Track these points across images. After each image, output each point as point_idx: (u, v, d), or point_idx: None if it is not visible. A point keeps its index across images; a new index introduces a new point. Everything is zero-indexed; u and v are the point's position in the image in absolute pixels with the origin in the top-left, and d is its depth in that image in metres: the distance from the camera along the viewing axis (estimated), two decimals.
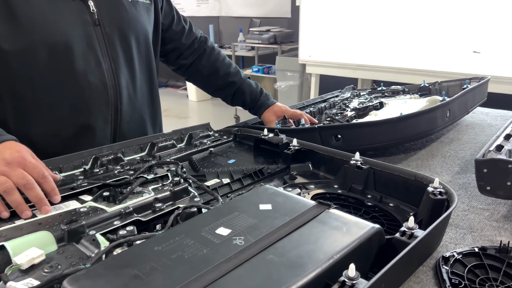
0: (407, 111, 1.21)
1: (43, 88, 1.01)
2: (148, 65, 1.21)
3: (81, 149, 0.96)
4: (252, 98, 1.40)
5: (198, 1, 6.06)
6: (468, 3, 3.19)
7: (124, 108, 1.12)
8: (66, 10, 1.02)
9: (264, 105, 1.38)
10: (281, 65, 4.41)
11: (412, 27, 3.50)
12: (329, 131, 1.11)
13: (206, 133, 1.16)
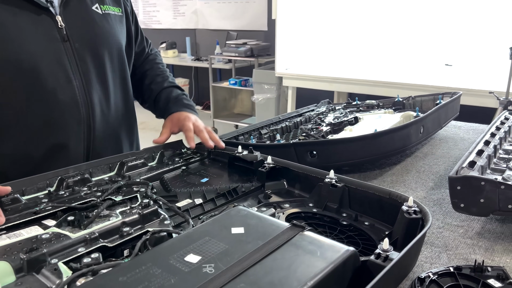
0: (381, 127, 1.22)
1: (10, 107, 0.97)
2: (123, 78, 1.18)
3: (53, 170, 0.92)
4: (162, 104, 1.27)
5: (174, 14, 6.04)
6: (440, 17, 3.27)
7: (97, 125, 1.09)
8: (31, 26, 0.98)
9: (169, 112, 1.23)
10: (258, 78, 4.42)
11: (386, 41, 3.57)
12: (304, 147, 1.10)
13: (178, 150, 1.13)
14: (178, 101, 1.24)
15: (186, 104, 1.24)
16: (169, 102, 1.24)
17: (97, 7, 1.11)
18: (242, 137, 1.37)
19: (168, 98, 1.24)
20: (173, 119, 1.18)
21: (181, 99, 1.25)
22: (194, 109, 1.23)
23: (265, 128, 1.44)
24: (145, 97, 1.30)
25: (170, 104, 1.24)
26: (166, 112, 1.23)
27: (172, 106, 1.23)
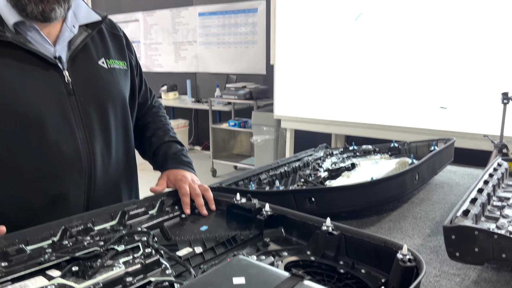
0: (378, 173, 1.25)
1: (12, 158, 1.00)
2: (125, 129, 1.21)
3: (54, 220, 0.94)
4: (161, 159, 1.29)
5: (176, 58, 6.22)
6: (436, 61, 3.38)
7: (98, 176, 1.11)
8: (39, 81, 1.03)
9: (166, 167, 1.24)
10: (257, 120, 4.50)
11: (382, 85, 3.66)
12: (303, 194, 1.12)
13: (176, 199, 1.15)
14: (176, 158, 1.26)
15: (184, 161, 1.25)
16: (167, 157, 1.26)
17: (103, 61, 1.16)
18: (241, 182, 1.39)
19: (167, 153, 1.27)
20: (169, 175, 1.19)
21: (179, 155, 1.27)
22: (191, 167, 1.25)
23: (264, 173, 1.47)
24: (145, 149, 1.33)
25: (168, 159, 1.25)
26: (163, 167, 1.24)
27: (170, 162, 1.24)
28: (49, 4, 1.00)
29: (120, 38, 1.25)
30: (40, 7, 0.99)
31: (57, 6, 1.01)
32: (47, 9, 1.00)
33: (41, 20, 1.02)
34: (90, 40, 1.15)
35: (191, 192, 1.11)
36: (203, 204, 1.10)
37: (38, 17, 1.01)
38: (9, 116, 0.98)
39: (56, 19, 1.04)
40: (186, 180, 1.14)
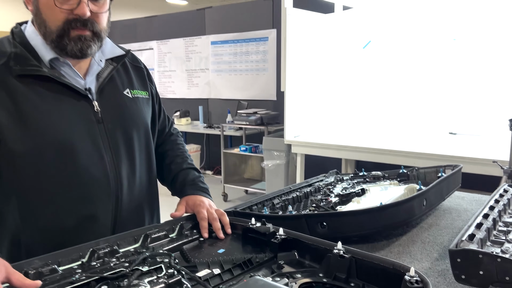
0: (387, 199, 1.30)
1: (48, 184, 1.08)
2: (148, 154, 1.29)
3: (83, 239, 1.00)
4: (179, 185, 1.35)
5: (188, 85, 6.37)
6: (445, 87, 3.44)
7: (124, 198, 1.18)
8: (72, 110, 1.11)
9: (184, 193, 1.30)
10: (268, 145, 4.57)
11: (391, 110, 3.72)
12: (315, 219, 1.17)
13: (195, 223, 1.21)
14: (194, 184, 1.32)
15: (201, 188, 1.31)
16: (185, 184, 1.33)
17: (127, 91, 1.25)
18: (255, 207, 1.45)
19: (185, 180, 1.34)
20: (188, 201, 1.26)
21: (197, 182, 1.33)
22: (208, 193, 1.32)
23: (277, 198, 1.52)
24: (164, 176, 1.39)
25: (186, 186, 1.32)
26: (182, 193, 1.31)
27: (188, 188, 1.31)
28: (87, 42, 1.09)
29: (141, 70, 1.35)
30: (79, 45, 1.09)
31: (93, 43, 1.11)
32: (85, 47, 1.10)
33: (79, 57, 1.12)
34: (116, 72, 1.24)
35: (209, 217, 1.17)
36: (220, 228, 1.16)
37: (76, 55, 1.10)
38: (46, 143, 1.06)
39: (91, 55, 1.14)
40: (204, 205, 1.21)
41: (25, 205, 1.08)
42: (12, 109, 1.05)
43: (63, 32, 1.07)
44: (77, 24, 1.07)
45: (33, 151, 1.06)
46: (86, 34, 1.09)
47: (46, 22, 1.08)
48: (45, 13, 1.07)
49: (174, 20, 6.64)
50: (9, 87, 1.05)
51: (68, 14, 1.06)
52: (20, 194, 1.08)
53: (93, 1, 1.08)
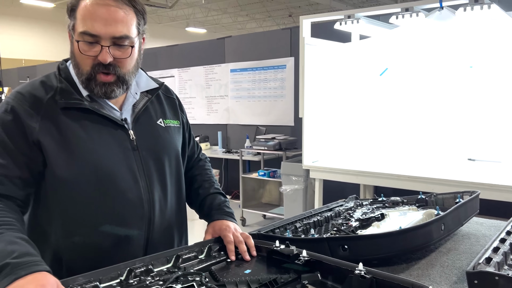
0: (406, 224, 1.34)
1: (87, 206, 1.17)
2: (178, 178, 1.37)
3: (118, 258, 1.08)
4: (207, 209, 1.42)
5: (208, 111, 6.53)
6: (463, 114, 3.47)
7: (156, 220, 1.26)
8: (110, 139, 1.21)
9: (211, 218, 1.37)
10: (286, 170, 4.63)
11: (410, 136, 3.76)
12: (336, 242, 1.23)
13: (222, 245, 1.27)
14: (220, 209, 1.39)
15: (227, 212, 1.39)
16: (212, 208, 1.40)
17: (160, 121, 1.35)
18: (278, 230, 1.50)
19: (212, 204, 1.41)
20: (215, 227, 1.32)
21: (223, 207, 1.40)
22: (233, 217, 1.39)
23: (298, 222, 1.58)
24: (193, 199, 1.47)
25: (213, 211, 1.39)
26: (209, 217, 1.38)
27: (215, 213, 1.38)
28: (110, 87, 1.19)
29: (173, 100, 1.45)
30: (103, 89, 1.19)
31: (116, 88, 1.21)
32: (108, 91, 1.20)
33: (105, 99, 1.23)
34: (150, 103, 1.34)
35: (235, 240, 1.24)
36: (246, 251, 1.22)
37: (102, 97, 1.21)
38: (87, 169, 1.16)
39: (116, 97, 1.24)
40: (230, 230, 1.28)
41: (66, 225, 1.17)
42: (58, 138, 1.15)
43: (91, 76, 1.18)
44: (100, 68, 1.17)
45: (76, 176, 1.16)
46: (110, 80, 1.19)
47: (79, 65, 1.19)
48: (77, 57, 1.19)
49: (194, 49, 6.87)
50: (55, 118, 1.16)
51: (94, 60, 1.16)
52: (62, 215, 1.17)
53: (117, 47, 1.17)
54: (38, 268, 0.92)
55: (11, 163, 1.11)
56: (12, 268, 0.90)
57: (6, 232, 0.99)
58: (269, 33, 6.31)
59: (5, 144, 1.12)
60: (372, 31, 4.02)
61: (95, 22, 1.13)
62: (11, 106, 1.16)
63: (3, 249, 0.94)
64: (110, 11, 1.14)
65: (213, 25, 19.55)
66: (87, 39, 1.14)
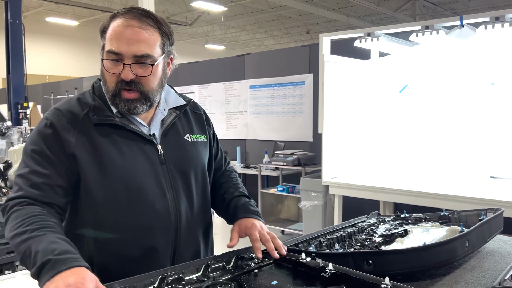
0: (430, 240, 1.36)
1: (118, 217, 1.22)
2: (204, 191, 1.41)
3: (145, 268, 1.13)
4: (232, 211, 1.44)
5: (227, 126, 6.60)
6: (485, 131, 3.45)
7: (183, 231, 1.31)
8: (139, 153, 1.27)
9: (237, 218, 1.39)
10: (305, 186, 4.64)
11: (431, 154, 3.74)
12: (361, 256, 1.25)
13: (249, 255, 1.30)
14: (245, 208, 1.41)
15: (252, 210, 1.40)
16: (237, 209, 1.42)
17: (187, 136, 1.40)
18: (301, 244, 1.53)
19: (236, 205, 1.43)
20: (240, 225, 1.34)
21: (247, 206, 1.42)
22: (259, 215, 1.40)
23: (322, 237, 1.60)
24: (218, 206, 1.50)
25: (238, 211, 1.41)
26: (234, 218, 1.40)
27: (240, 212, 1.39)
28: (133, 103, 1.26)
29: (201, 116, 1.50)
30: (126, 105, 1.25)
31: (139, 104, 1.26)
32: (132, 107, 1.26)
33: (129, 114, 1.28)
34: (178, 119, 1.40)
35: (261, 238, 1.26)
36: (274, 249, 1.24)
37: (126, 113, 1.27)
38: (118, 182, 1.22)
39: (140, 113, 1.29)
40: (256, 228, 1.30)
41: (98, 234, 1.23)
42: (91, 152, 1.22)
43: (115, 92, 1.25)
44: (123, 85, 1.24)
45: (107, 188, 1.22)
46: (133, 97, 1.25)
47: (106, 82, 1.27)
48: (104, 75, 1.26)
49: (214, 65, 7.00)
50: (89, 133, 1.23)
51: (117, 77, 1.23)
52: (95, 225, 1.23)
53: (139, 65, 1.23)
54: (78, 264, 0.98)
55: (53, 173, 1.18)
56: (54, 264, 0.96)
57: (47, 233, 1.06)
58: (288, 50, 6.39)
59: (46, 155, 1.19)
60: (392, 49, 4.05)
61: (119, 41, 1.21)
62: (50, 121, 1.23)
63: (46, 248, 1.00)
64: (133, 32, 1.21)
65: (231, 42, 19.85)
66: (111, 57, 1.22)
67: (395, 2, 12.88)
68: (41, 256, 0.99)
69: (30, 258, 1.01)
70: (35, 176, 1.16)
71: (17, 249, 1.07)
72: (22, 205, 1.13)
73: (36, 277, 0.99)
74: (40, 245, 1.01)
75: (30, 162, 1.18)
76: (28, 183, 1.15)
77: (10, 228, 1.10)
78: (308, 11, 13.69)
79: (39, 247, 1.01)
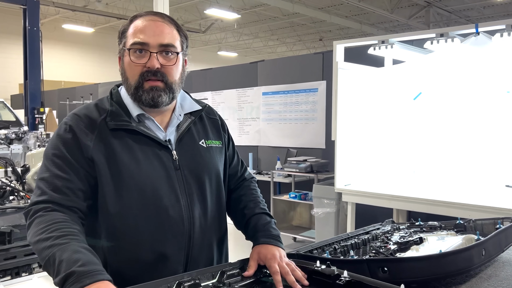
0: (445, 248, 1.35)
1: (131, 222, 1.24)
2: (218, 196, 1.42)
3: (158, 273, 1.14)
4: (251, 230, 1.42)
5: (239, 132, 6.63)
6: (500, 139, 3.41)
7: (196, 237, 1.31)
8: (154, 158, 1.28)
9: (257, 241, 1.36)
10: (318, 193, 4.63)
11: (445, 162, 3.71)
12: (376, 263, 1.24)
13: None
14: (265, 230, 1.38)
15: (273, 235, 1.36)
16: (257, 230, 1.38)
17: (202, 142, 1.41)
18: (316, 251, 1.53)
19: (257, 225, 1.40)
20: (260, 254, 1.29)
21: (268, 228, 1.39)
22: (279, 240, 1.36)
23: (336, 244, 1.60)
24: (238, 220, 1.49)
25: (258, 232, 1.37)
26: (254, 239, 1.37)
27: (260, 236, 1.36)
28: (158, 92, 1.28)
29: (216, 121, 1.51)
30: (150, 94, 1.28)
31: (164, 94, 1.29)
32: (156, 96, 1.28)
33: (152, 106, 1.30)
34: (193, 125, 1.41)
35: (281, 271, 1.21)
36: (295, 281, 1.19)
37: (150, 103, 1.29)
38: (132, 187, 1.24)
39: (163, 105, 1.31)
40: (275, 259, 1.24)
41: (111, 239, 1.24)
42: (108, 157, 1.24)
43: (138, 84, 1.27)
44: (149, 75, 1.27)
45: (121, 193, 1.23)
46: (158, 85, 1.28)
47: (128, 79, 1.30)
48: (127, 70, 1.30)
49: (228, 72, 7.04)
50: (106, 138, 1.26)
51: (142, 68, 1.27)
52: (109, 229, 1.25)
53: (164, 55, 1.28)
54: (102, 277, 0.99)
55: (73, 176, 1.20)
56: (78, 277, 0.97)
57: (71, 242, 1.07)
58: (301, 57, 6.41)
59: (67, 160, 1.21)
60: (406, 56, 4.04)
61: (145, 33, 1.27)
62: (69, 126, 1.26)
63: (69, 258, 1.02)
64: (157, 24, 1.29)
65: (244, 49, 19.96)
66: (137, 47, 1.26)
67: (409, 10, 12.84)
68: (65, 266, 1.00)
69: (54, 266, 1.02)
70: (57, 180, 1.19)
71: (40, 255, 1.08)
72: (46, 210, 1.15)
73: (60, 286, 1.00)
74: (64, 254, 1.03)
75: (51, 166, 1.21)
76: (50, 187, 1.18)
77: (33, 233, 1.12)
78: (321, 19, 13.73)
79: (63, 256, 1.02)
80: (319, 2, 12.53)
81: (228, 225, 1.50)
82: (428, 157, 3.91)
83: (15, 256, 2.27)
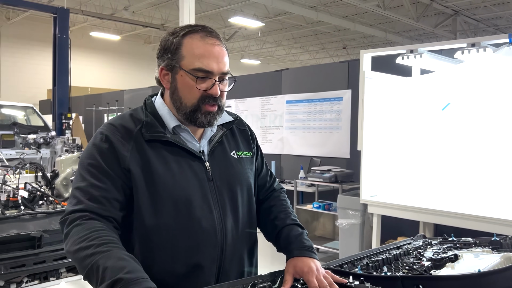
0: (483, 267, 1.30)
1: (167, 235, 1.24)
2: (249, 208, 1.41)
3: (190, 285, 1.13)
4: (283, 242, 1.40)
5: (262, 140, 6.62)
6: None
7: (228, 248, 1.30)
8: (188, 170, 1.29)
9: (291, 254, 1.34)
10: (342, 204, 4.56)
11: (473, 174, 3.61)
12: (411, 281, 1.21)
13: None
14: (298, 242, 1.36)
15: (307, 247, 1.35)
16: (290, 242, 1.37)
17: (234, 153, 1.42)
18: (346, 265, 1.50)
19: (289, 237, 1.38)
20: (296, 267, 1.28)
21: (301, 239, 1.37)
22: (313, 251, 1.35)
23: (366, 258, 1.56)
24: (269, 231, 1.47)
25: (292, 245, 1.36)
26: (287, 251, 1.36)
27: (294, 248, 1.34)
28: (214, 115, 1.31)
29: (246, 132, 1.51)
30: (208, 118, 1.30)
31: (218, 116, 1.33)
32: (212, 119, 1.31)
33: (205, 127, 1.33)
34: (224, 136, 1.41)
35: (319, 285, 1.20)
36: None
37: (204, 125, 1.31)
38: (169, 199, 1.24)
39: (213, 125, 1.34)
40: (313, 273, 1.24)
41: (144, 250, 1.24)
42: (143, 168, 1.24)
43: (197, 107, 1.28)
44: (209, 100, 1.28)
45: (156, 204, 1.24)
46: (215, 110, 1.30)
47: (182, 99, 1.30)
48: (182, 92, 1.29)
49: (251, 80, 7.06)
50: (142, 149, 1.26)
51: (203, 93, 1.28)
52: (142, 240, 1.25)
53: (221, 82, 1.30)
54: (149, 285, 1.00)
55: (110, 186, 1.21)
56: (125, 284, 0.98)
57: (113, 249, 1.08)
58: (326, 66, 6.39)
59: (104, 169, 1.22)
60: (435, 66, 3.97)
61: (209, 60, 1.27)
62: (105, 135, 1.27)
63: (114, 265, 1.02)
64: (219, 50, 1.30)
65: (266, 57, 20.02)
66: (200, 75, 1.27)
67: (435, 18, 12.66)
68: (111, 273, 1.01)
69: (98, 273, 1.03)
70: (93, 189, 1.19)
71: (81, 264, 1.08)
72: (83, 219, 1.15)
73: None
74: (108, 261, 1.03)
75: (87, 176, 1.21)
76: (86, 196, 1.19)
77: (72, 242, 1.12)
78: (345, 27, 13.66)
79: (107, 263, 1.03)
80: (344, 10, 12.47)
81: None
82: (456, 169, 3.81)
83: (44, 261, 2.31)
